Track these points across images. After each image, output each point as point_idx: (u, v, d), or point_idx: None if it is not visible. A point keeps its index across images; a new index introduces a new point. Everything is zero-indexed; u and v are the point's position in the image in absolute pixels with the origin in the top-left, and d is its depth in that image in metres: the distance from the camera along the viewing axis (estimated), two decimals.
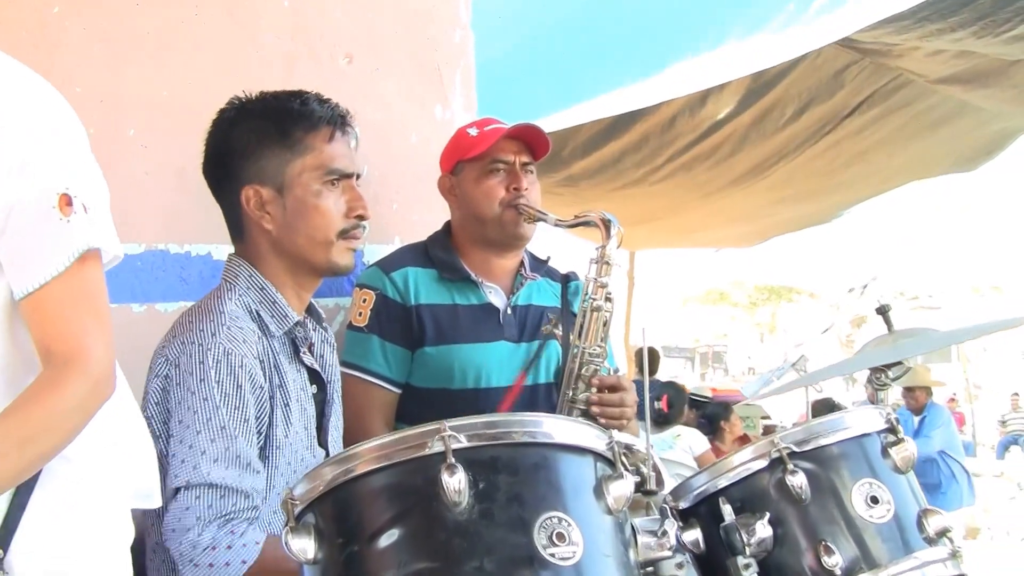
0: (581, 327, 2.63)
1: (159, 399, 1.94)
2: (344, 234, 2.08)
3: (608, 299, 2.63)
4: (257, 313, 2.05)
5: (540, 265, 2.95)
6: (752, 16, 4.58)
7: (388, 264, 2.80)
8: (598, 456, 1.49)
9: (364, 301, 2.74)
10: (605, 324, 2.63)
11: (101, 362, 1.48)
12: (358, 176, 2.13)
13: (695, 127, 6.83)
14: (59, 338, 1.45)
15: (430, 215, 3.06)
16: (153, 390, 1.97)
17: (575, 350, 2.63)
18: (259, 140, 2.06)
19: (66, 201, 1.46)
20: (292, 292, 2.12)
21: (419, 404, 2.73)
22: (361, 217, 2.10)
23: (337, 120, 2.08)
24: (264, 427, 1.97)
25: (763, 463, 1.74)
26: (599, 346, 2.62)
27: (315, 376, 2.16)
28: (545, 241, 3.07)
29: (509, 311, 2.80)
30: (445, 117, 3.34)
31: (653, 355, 9.55)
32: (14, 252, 1.44)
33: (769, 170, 7.67)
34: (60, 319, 1.46)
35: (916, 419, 8.52)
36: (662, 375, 10.94)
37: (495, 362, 2.73)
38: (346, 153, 2.09)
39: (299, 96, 2.09)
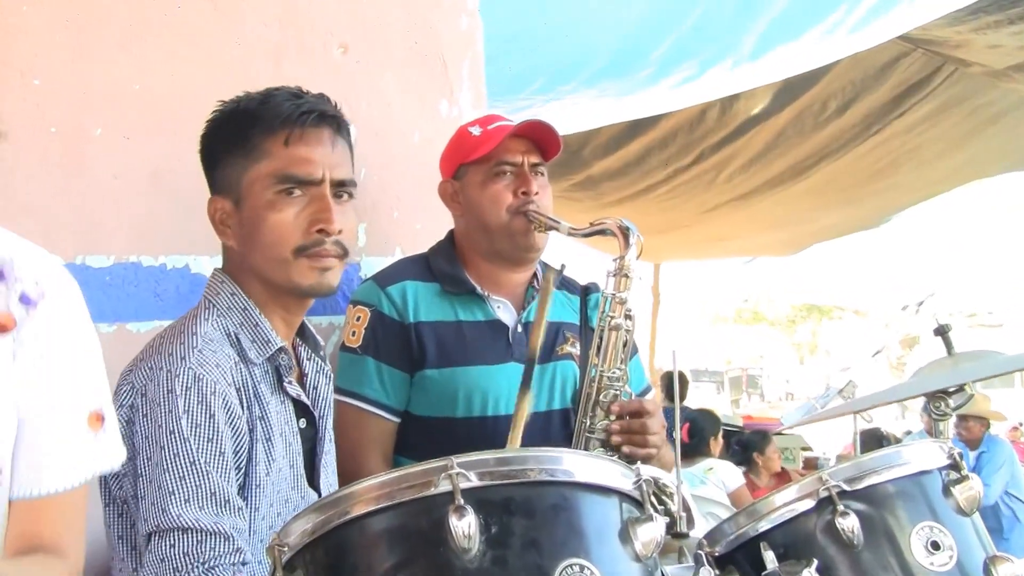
0: (599, 347, 2.62)
1: (124, 432, 1.90)
2: (303, 251, 2.02)
3: (628, 316, 2.62)
4: (236, 337, 2.03)
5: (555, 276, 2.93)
6: (800, 20, 4.59)
7: (385, 278, 2.79)
8: (624, 496, 1.47)
9: (358, 319, 2.73)
10: (625, 344, 2.62)
11: (81, 562, 1.60)
12: (342, 184, 2.06)
13: (727, 123, 6.83)
14: (55, 537, 1.56)
15: (435, 224, 3.06)
16: (118, 421, 1.94)
17: (592, 373, 2.62)
18: (224, 147, 2.06)
19: (97, 418, 1.60)
20: (277, 315, 2.10)
21: (420, 435, 2.73)
22: (324, 232, 2.01)
23: (300, 119, 2.01)
24: (243, 462, 1.95)
25: (810, 503, 1.72)
26: (619, 368, 2.61)
27: (303, 409, 2.14)
28: (563, 255, 3.06)
29: (520, 328, 2.79)
30: (451, 114, 3.33)
31: (681, 381, 9.52)
32: (29, 451, 1.54)
33: (809, 171, 7.67)
34: (61, 523, 1.58)
35: (972, 454, 8.40)
36: (690, 402, 10.92)
37: (504, 386, 2.71)
38: (309, 157, 2.02)
39: (266, 94, 2.07)
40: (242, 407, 1.95)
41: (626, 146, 7.01)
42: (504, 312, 2.80)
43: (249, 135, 2.02)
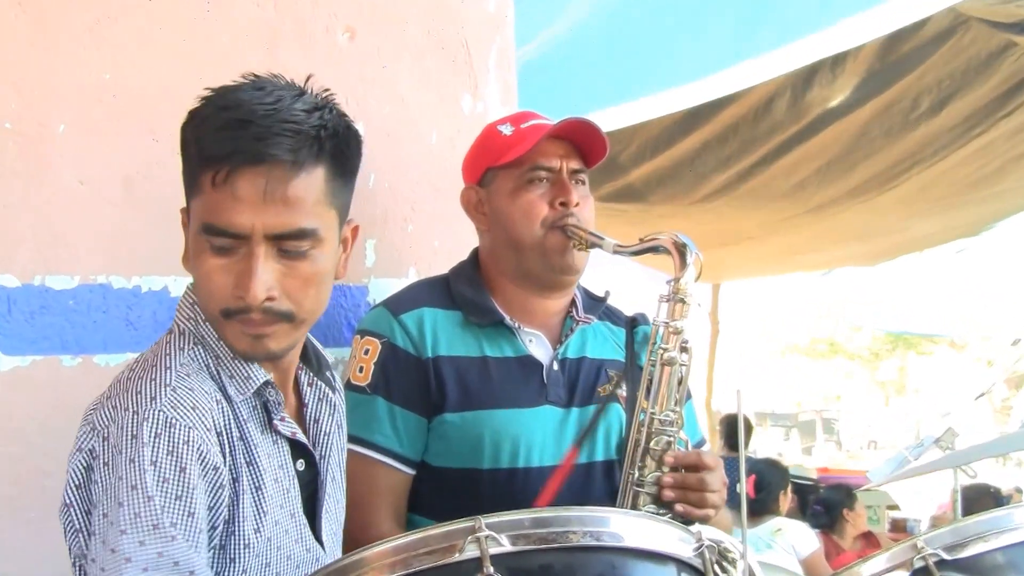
0: (649, 386, 2.61)
1: (81, 481, 1.88)
2: (229, 315, 1.95)
3: (684, 349, 2.61)
4: (216, 370, 2.02)
5: (596, 304, 2.95)
6: None
7: (398, 304, 2.79)
8: (682, 565, 1.47)
9: (366, 352, 2.74)
10: (680, 382, 2.62)
11: None
12: (283, 237, 1.92)
13: (798, 115, 6.81)
14: None
15: (455, 240, 3.07)
16: (75, 469, 1.89)
17: (642, 417, 2.61)
18: (183, 152, 2.00)
19: None
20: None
21: (438, 490, 2.73)
22: (243, 301, 1.92)
23: (234, 157, 1.88)
24: (220, 520, 1.93)
25: (903, 575, 1.71)
26: (673, 411, 2.61)
27: (300, 449, 2.12)
28: (603, 275, 3.06)
29: (556, 366, 2.79)
30: (475, 111, 3.36)
31: (746, 426, 9.48)
32: None
33: (898, 179, 7.64)
34: None
35: None
36: (753, 449, 10.88)
37: (538, 433, 2.72)
38: (241, 205, 1.89)
39: (227, 102, 1.95)
40: (223, 455, 1.93)
41: (677, 143, 6.99)
42: (537, 347, 2.80)
43: (191, 159, 1.96)
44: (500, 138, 2.81)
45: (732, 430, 9.22)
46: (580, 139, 2.78)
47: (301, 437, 2.11)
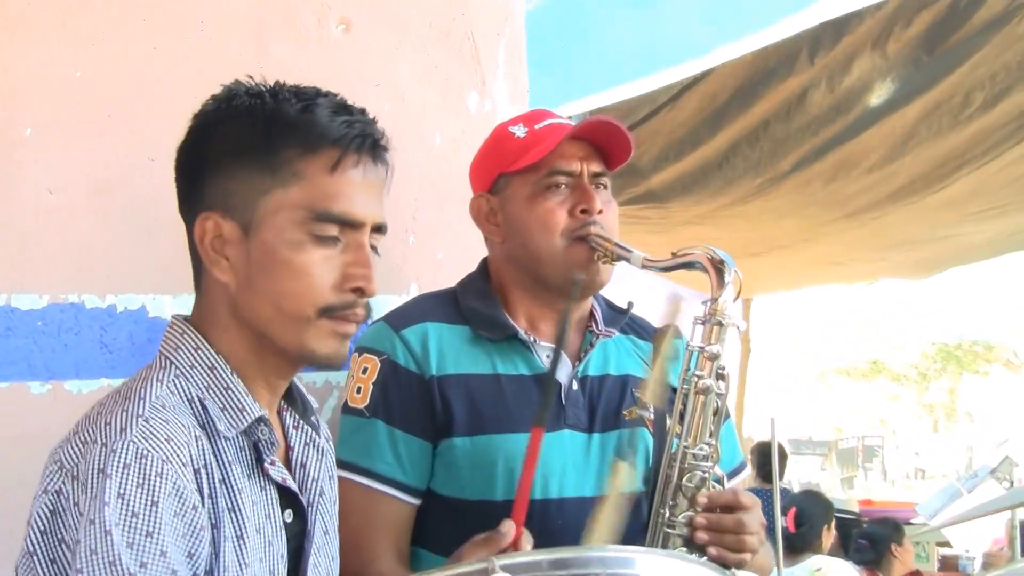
0: (682, 416, 2.60)
1: (46, 526, 1.85)
2: (330, 312, 2.00)
3: (721, 376, 2.60)
4: (201, 404, 1.99)
5: (619, 316, 2.95)
6: None
7: (400, 318, 2.80)
8: None
9: (365, 371, 2.74)
10: (716, 412, 2.60)
11: None
12: (379, 229, 2.07)
13: (836, 110, 6.79)
14: None
15: (460, 252, 3.08)
16: (39, 513, 1.86)
17: (674, 447, 2.60)
18: (236, 151, 2.02)
19: None
20: (260, 377, 2.07)
21: (446, 522, 2.71)
22: (361, 292, 2.02)
23: (353, 141, 2.01)
24: (202, 571, 1.92)
25: None
26: (707, 444, 2.59)
27: (289, 497, 2.11)
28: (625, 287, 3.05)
29: (575, 385, 2.79)
30: (483, 110, 3.37)
31: (780, 454, 9.45)
32: None
33: (947, 179, 7.61)
34: None
35: None
36: (788, 480, 10.87)
37: (556, 461, 2.70)
38: (358, 193, 2.02)
39: (305, 96, 2.04)
40: (202, 496, 1.91)
41: (704, 144, 7.00)
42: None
43: (277, 147, 2.00)
44: (513, 140, 2.80)
45: (765, 459, 9.17)
46: (601, 139, 2.78)
47: (292, 484, 2.10)
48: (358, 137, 2.00)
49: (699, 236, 8.17)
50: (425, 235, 3.24)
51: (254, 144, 2.01)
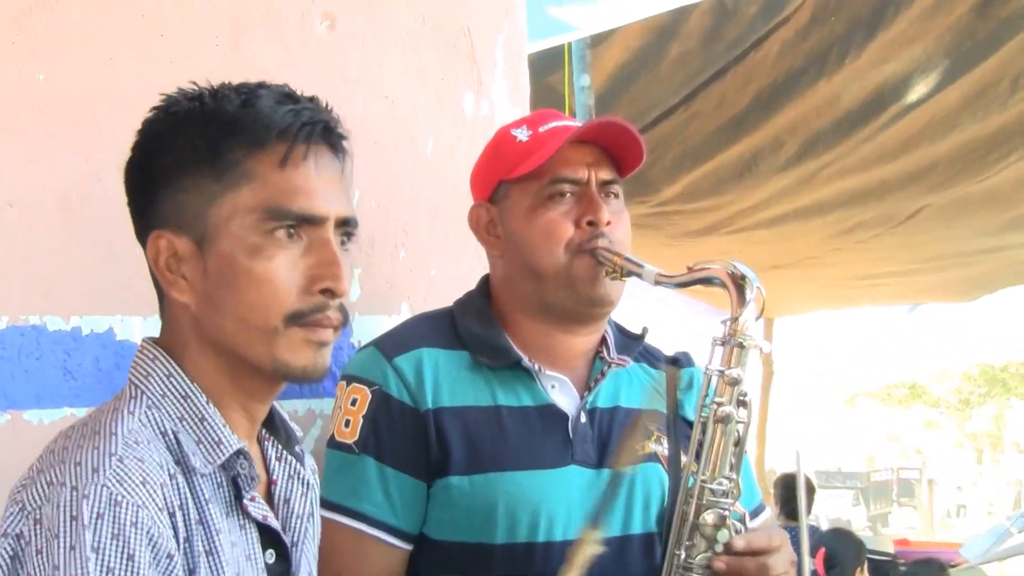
0: (700, 448, 2.60)
1: (6, 572, 1.84)
2: (300, 319, 1.99)
3: (742, 403, 2.60)
4: (175, 437, 1.99)
5: (632, 343, 2.96)
6: None
7: (391, 344, 2.80)
8: None
9: (354, 403, 2.74)
10: (737, 444, 2.60)
11: None
12: (346, 223, 2.06)
13: (869, 104, 6.80)
14: None
15: (456, 269, 3.10)
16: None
17: (690, 483, 2.60)
18: (180, 161, 2.02)
19: None
20: (237, 403, 2.07)
21: (442, 568, 2.73)
22: (330, 293, 2.00)
23: (302, 131, 2.00)
24: None
25: None
26: (727, 478, 2.59)
27: (271, 536, 2.11)
28: (637, 308, 3.06)
29: (584, 417, 2.79)
30: (480, 112, 3.37)
31: (808, 488, 9.44)
32: None
33: (992, 169, 7.57)
34: None
35: None
36: (815, 516, 10.86)
37: (563, 501, 2.71)
38: (314, 186, 2.01)
39: (244, 90, 2.04)
40: (178, 541, 1.91)
41: (721, 151, 7.01)
42: (562, 394, 2.80)
43: (222, 149, 1.99)
44: (514, 145, 2.81)
45: (789, 493, 9.12)
46: (611, 143, 2.78)
47: (273, 522, 2.10)
48: (306, 126, 1.99)
49: (713, 247, 8.17)
50: (417, 250, 3.24)
51: (197, 150, 2.00)
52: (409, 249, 3.24)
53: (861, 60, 6.37)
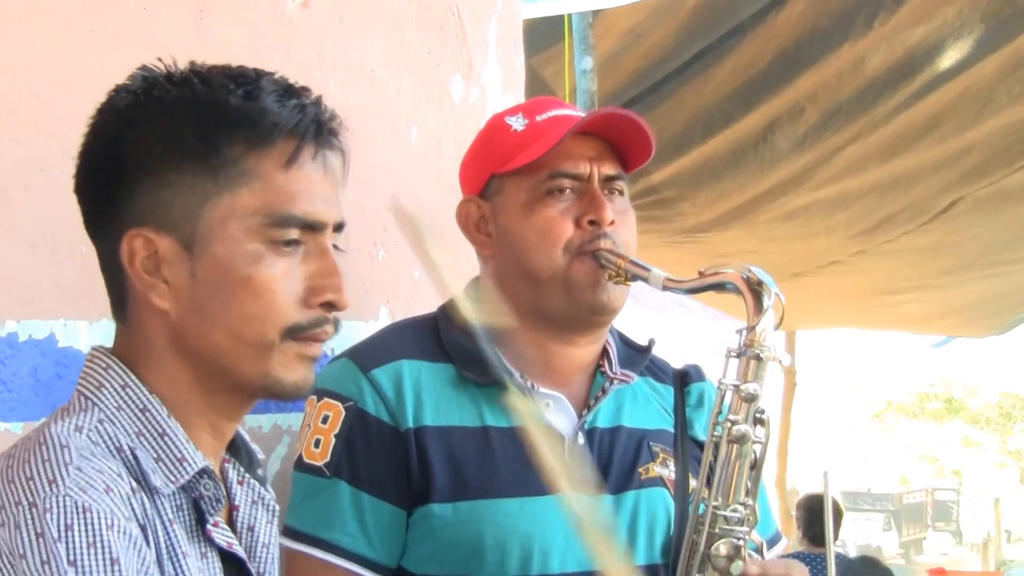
0: (711, 471, 2.59)
1: None
2: (297, 333, 1.99)
3: (759, 421, 2.59)
4: (132, 454, 1.97)
5: (637, 356, 2.94)
6: None
7: (368, 355, 2.78)
8: None
9: (325, 420, 2.71)
10: (754, 467, 2.59)
11: None
12: (338, 228, 2.07)
13: (899, 67, 6.79)
14: None
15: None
16: None
17: (701, 509, 2.59)
18: (165, 153, 1.99)
19: None
20: (205, 420, 2.05)
21: None
22: (330, 306, 2.01)
23: (309, 129, 2.00)
24: None
25: None
26: (742, 505, 2.58)
27: (235, 565, 2.10)
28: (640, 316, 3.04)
29: (582, 439, 2.78)
30: (469, 99, 3.38)
31: (834, 511, 9.46)
32: None
33: None
34: None
35: None
36: (842, 542, 10.90)
37: (558, 531, 2.67)
38: (319, 189, 2.01)
39: (244, 80, 2.02)
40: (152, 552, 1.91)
41: (741, 116, 7.00)
42: (558, 413, 2.78)
43: (219, 144, 1.98)
44: (509, 135, 2.80)
45: (814, 517, 9.13)
46: (615, 135, 2.77)
47: (239, 551, 2.09)
48: (314, 124, 1.99)
49: (726, 246, 8.15)
50: (398, 250, 3.23)
51: (187, 142, 1.98)
52: (389, 248, 3.24)
53: (890, 24, 6.37)
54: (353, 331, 3.04)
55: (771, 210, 7.81)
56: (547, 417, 2.75)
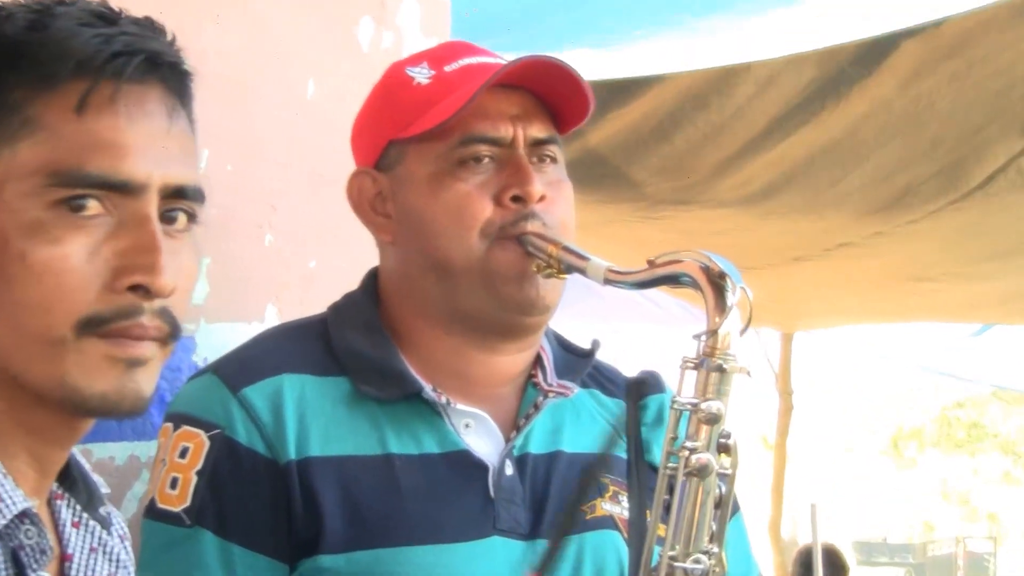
0: (668, 509, 2.50)
1: None
2: (98, 326, 1.89)
3: (724, 448, 2.49)
4: None
5: (578, 362, 2.92)
6: None
7: (239, 369, 2.74)
8: None
9: (183, 455, 2.65)
10: (719, 505, 2.50)
11: None
12: (180, 194, 1.96)
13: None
14: None
15: (344, 258, 3.08)
16: None
17: (655, 562, 2.51)
18: None
19: None
20: (22, 448, 1.99)
21: None
22: (144, 290, 1.89)
23: (111, 63, 1.89)
24: None
25: None
26: (706, 553, 2.48)
27: None
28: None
29: (510, 468, 2.75)
30: (380, 44, 3.39)
31: (836, 566, 9.50)
32: None
33: None
34: None
35: None
36: None
37: None
38: (126, 140, 1.90)
39: (39, 9, 1.94)
40: None
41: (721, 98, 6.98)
42: (479, 435, 2.75)
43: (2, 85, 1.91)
44: (411, 90, 2.77)
45: (807, 569, 9.16)
46: (544, 88, 2.75)
47: None
48: (119, 56, 1.89)
49: (712, 224, 8.09)
50: (289, 234, 3.22)
51: None
52: (279, 231, 3.23)
53: None
54: (234, 334, 3.03)
55: (764, 170, 7.69)
56: (466, 440, 2.71)
